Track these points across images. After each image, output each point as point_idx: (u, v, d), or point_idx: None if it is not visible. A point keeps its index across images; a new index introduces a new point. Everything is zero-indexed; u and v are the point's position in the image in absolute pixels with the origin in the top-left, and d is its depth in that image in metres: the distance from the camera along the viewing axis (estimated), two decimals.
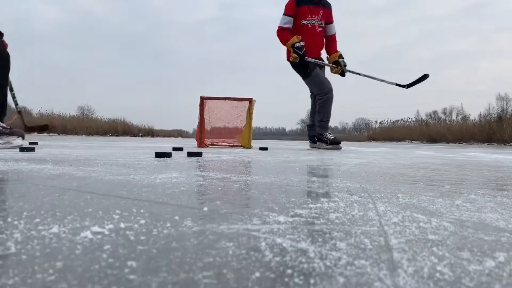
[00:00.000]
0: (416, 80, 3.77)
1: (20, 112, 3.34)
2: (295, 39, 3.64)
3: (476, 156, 3.00)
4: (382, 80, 3.89)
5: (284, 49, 3.83)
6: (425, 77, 3.71)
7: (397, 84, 3.89)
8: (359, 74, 3.89)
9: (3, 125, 2.63)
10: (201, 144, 3.99)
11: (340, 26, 4.03)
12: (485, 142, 12.51)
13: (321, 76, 3.88)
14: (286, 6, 3.78)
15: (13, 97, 3.22)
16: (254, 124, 4.14)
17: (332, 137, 3.84)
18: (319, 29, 3.84)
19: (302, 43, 3.65)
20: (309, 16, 3.76)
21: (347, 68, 3.86)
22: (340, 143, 3.86)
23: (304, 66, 3.78)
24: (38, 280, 0.28)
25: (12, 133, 2.59)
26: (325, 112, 3.86)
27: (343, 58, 3.85)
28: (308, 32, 3.76)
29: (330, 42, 3.94)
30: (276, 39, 3.79)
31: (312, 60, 3.77)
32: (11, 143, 2.57)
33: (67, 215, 0.51)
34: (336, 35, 3.96)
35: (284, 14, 3.76)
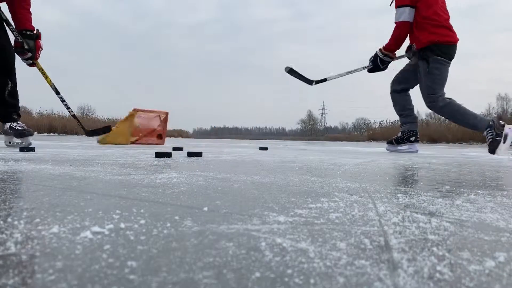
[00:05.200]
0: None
1: (75, 116, 3.30)
2: None
3: (476, 156, 3.00)
4: (354, 70, 3.50)
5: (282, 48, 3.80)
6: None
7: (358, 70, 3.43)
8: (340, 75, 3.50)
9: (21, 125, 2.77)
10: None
11: (340, 27, 4.01)
12: (485, 142, 12.50)
13: None
14: None
15: (62, 101, 3.14)
16: (254, 124, 4.22)
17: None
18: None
19: None
20: None
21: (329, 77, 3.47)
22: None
23: None
24: (38, 280, 0.28)
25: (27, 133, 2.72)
26: None
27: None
28: None
29: None
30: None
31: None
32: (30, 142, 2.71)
33: (67, 215, 0.51)
34: (395, 22, 3.19)
35: None
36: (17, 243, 0.38)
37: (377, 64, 3.27)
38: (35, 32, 2.72)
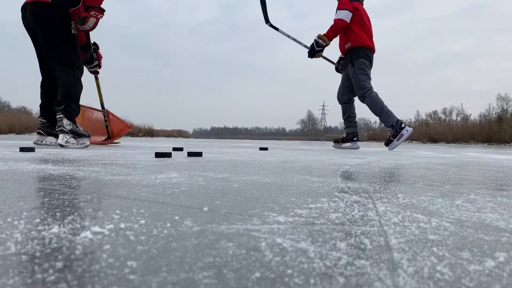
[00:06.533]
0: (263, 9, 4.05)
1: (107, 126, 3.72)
2: None
3: (476, 156, 3.00)
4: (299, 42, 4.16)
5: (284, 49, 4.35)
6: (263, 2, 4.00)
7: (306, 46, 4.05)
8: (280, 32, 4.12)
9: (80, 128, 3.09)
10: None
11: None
12: (485, 142, 12.51)
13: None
14: None
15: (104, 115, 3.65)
16: (255, 124, 4.23)
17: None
18: None
19: None
20: None
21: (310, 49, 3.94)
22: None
23: None
24: (38, 280, 0.28)
25: (87, 135, 2.89)
26: None
27: (314, 40, 3.91)
28: None
29: None
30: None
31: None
32: (85, 143, 2.85)
33: (67, 215, 0.51)
34: (334, 20, 3.91)
35: None
36: (17, 243, 0.38)
37: (314, 47, 3.89)
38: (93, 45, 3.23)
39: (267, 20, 4.13)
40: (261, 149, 3.46)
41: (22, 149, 2.15)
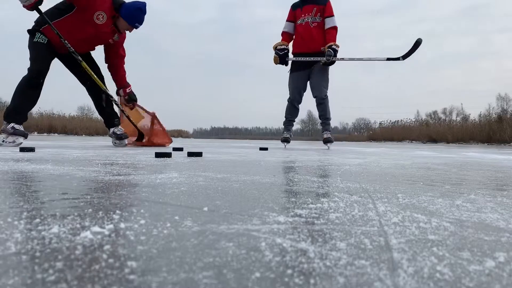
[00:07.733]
0: (411, 49, 3.96)
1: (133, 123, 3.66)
2: (278, 42, 4.22)
3: (476, 156, 3.00)
4: (370, 59, 4.20)
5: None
6: (418, 43, 3.91)
7: (388, 59, 4.09)
8: (343, 59, 4.12)
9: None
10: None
11: (340, 27, 4.12)
12: (485, 142, 12.51)
13: (292, 82, 4.32)
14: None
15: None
16: (255, 124, 4.24)
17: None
18: (314, 24, 4.16)
19: (284, 46, 4.20)
20: (302, 15, 4.20)
21: (334, 58, 4.01)
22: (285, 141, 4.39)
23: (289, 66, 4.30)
24: (38, 280, 0.28)
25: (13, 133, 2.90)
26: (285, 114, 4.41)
27: (332, 49, 4.01)
28: (302, 30, 4.20)
29: (326, 35, 4.13)
30: (271, 40, 4.34)
31: (294, 58, 4.19)
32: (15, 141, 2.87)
33: (67, 215, 0.51)
34: (333, 27, 4.08)
35: (286, 21, 4.34)
36: (17, 243, 0.38)
37: (336, 56, 4.00)
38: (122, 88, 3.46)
39: (405, 57, 4.05)
40: (261, 149, 3.46)
41: (22, 149, 2.15)
